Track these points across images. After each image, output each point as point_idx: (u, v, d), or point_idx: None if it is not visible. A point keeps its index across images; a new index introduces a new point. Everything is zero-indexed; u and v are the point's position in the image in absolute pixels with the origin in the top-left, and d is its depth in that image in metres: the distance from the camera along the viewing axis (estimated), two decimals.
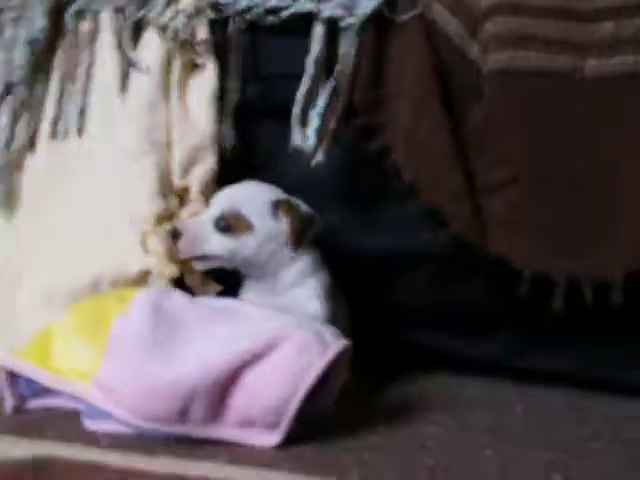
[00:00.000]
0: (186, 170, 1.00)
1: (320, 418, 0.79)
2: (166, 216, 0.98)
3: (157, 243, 0.95)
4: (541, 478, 0.71)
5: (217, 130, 1.00)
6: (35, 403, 0.83)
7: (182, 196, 1.00)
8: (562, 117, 0.88)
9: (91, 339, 0.77)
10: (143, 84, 1.02)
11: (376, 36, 0.95)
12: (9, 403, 0.82)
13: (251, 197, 0.93)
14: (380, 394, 0.98)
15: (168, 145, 1.01)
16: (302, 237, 0.92)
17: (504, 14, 0.90)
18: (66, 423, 0.79)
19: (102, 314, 0.79)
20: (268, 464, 0.69)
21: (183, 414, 0.72)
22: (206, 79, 1.01)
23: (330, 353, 0.75)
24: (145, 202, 0.97)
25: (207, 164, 0.99)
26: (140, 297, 0.80)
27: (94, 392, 0.75)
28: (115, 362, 0.75)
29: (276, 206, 0.91)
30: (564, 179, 0.88)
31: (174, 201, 0.99)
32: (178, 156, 1.00)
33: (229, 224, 0.90)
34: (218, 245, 0.90)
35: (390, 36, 0.95)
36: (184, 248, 0.90)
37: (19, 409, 0.82)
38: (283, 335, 0.75)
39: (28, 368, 0.79)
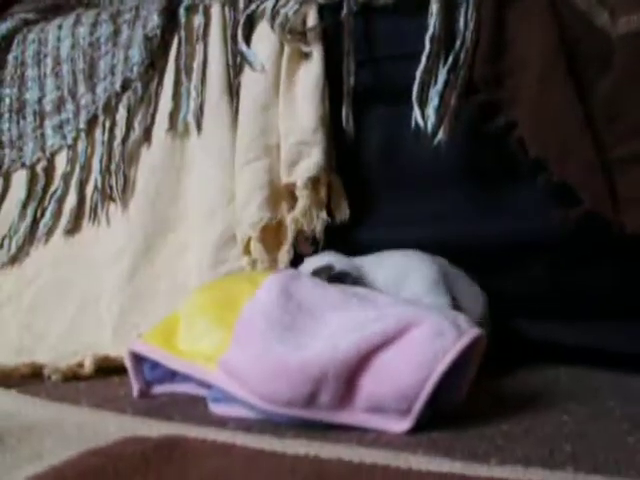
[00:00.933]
0: (292, 167, 0.98)
1: (451, 408, 0.76)
2: (273, 225, 0.98)
3: (262, 252, 0.95)
4: None
5: (325, 119, 0.98)
6: (159, 389, 0.83)
7: (292, 192, 0.99)
8: None
9: (219, 322, 0.76)
10: (257, 83, 1.01)
11: (495, 8, 0.91)
12: (135, 388, 0.82)
13: None
14: (504, 384, 0.93)
15: (277, 146, 1.00)
16: None
17: None
18: (192, 407, 0.78)
19: (231, 296, 0.78)
20: (402, 448, 0.66)
21: (311, 398, 0.70)
22: (312, 69, 0.99)
23: (465, 340, 0.71)
24: (255, 209, 0.97)
25: (312, 158, 0.97)
26: (269, 281, 0.78)
27: (220, 375, 0.74)
28: (242, 344, 0.73)
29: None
30: None
31: (282, 204, 0.99)
32: (284, 154, 0.99)
33: None
34: None
35: (509, 7, 0.91)
36: None
37: (145, 394, 0.83)
38: (416, 319, 0.71)
39: (154, 351, 0.79)
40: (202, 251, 1.01)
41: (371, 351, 0.70)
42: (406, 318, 0.71)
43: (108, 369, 0.96)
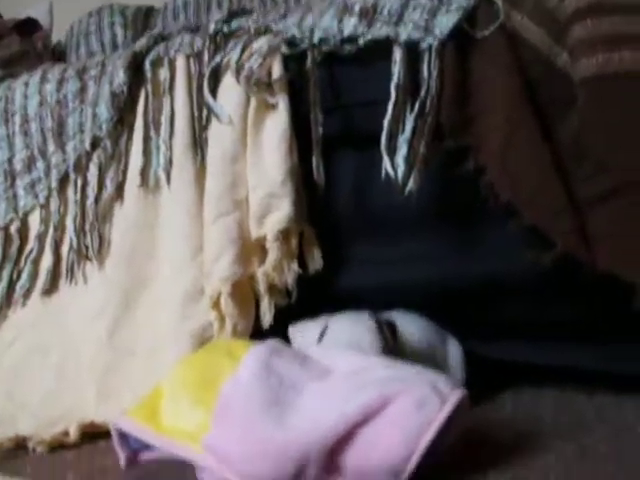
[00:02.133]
0: (261, 221, 0.98)
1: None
2: (243, 280, 0.97)
3: (232, 307, 0.95)
4: None
5: (293, 170, 0.97)
6: (147, 456, 0.83)
7: (263, 245, 0.99)
8: None
9: (200, 399, 0.76)
10: (225, 135, 1.01)
11: (458, 54, 0.91)
12: (122, 458, 0.82)
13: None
14: (489, 419, 0.94)
15: (247, 199, 1.00)
16: None
17: (592, 16, 0.86)
18: (180, 475, 0.78)
19: (212, 372, 0.78)
20: None
21: (295, 477, 0.70)
22: (278, 120, 0.99)
23: (448, 407, 0.71)
24: (226, 264, 0.96)
25: (282, 210, 0.96)
26: (249, 357, 0.78)
27: (205, 455, 0.73)
28: (224, 425, 0.73)
29: None
30: None
31: (253, 258, 0.99)
32: (252, 208, 0.98)
33: None
34: None
35: (472, 52, 0.91)
36: None
37: (132, 462, 0.83)
38: (396, 390, 0.71)
39: (138, 429, 0.78)
40: (169, 307, 1.01)
41: (353, 427, 0.69)
42: (386, 390, 0.71)
43: (94, 433, 0.95)
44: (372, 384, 0.73)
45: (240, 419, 0.72)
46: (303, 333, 0.92)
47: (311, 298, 0.99)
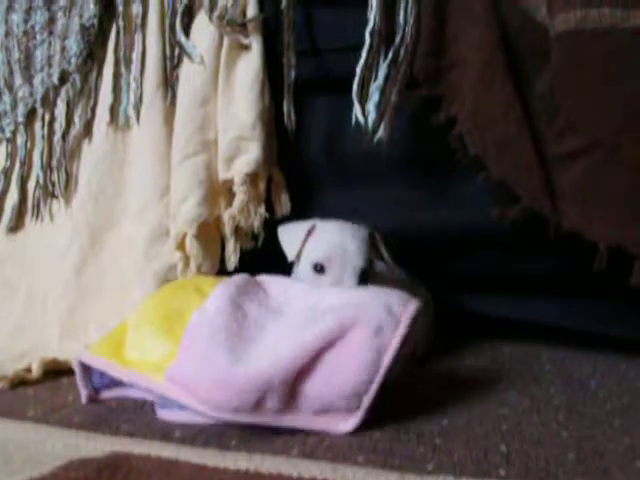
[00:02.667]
0: (229, 163, 0.97)
1: (395, 398, 0.78)
2: (209, 221, 0.97)
3: (197, 248, 0.95)
4: (626, 464, 0.67)
5: (263, 114, 0.96)
6: (108, 394, 0.84)
7: (230, 188, 0.99)
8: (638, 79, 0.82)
9: (167, 333, 0.77)
10: (196, 76, 0.99)
11: (435, 3, 0.90)
12: (83, 394, 0.83)
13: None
14: (449, 370, 0.96)
15: (216, 141, 0.99)
16: None
17: None
18: (139, 414, 0.79)
19: (180, 305, 0.79)
20: (342, 456, 0.68)
21: (258, 405, 0.71)
22: (251, 61, 0.97)
23: (403, 327, 0.74)
24: (192, 205, 0.96)
25: (251, 154, 0.96)
26: (217, 291, 0.79)
27: (167, 384, 0.74)
28: (189, 354, 0.74)
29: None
30: None
31: (220, 201, 0.98)
32: (221, 150, 0.98)
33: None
34: None
35: (449, 1, 0.90)
36: None
37: (93, 399, 0.83)
38: (353, 318, 0.73)
39: (102, 362, 0.79)
40: (135, 246, 1.00)
41: (313, 355, 0.72)
42: (343, 318, 0.73)
43: (56, 371, 0.96)
44: (328, 313, 0.75)
45: (205, 349, 0.73)
46: (290, 232, 0.91)
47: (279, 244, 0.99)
